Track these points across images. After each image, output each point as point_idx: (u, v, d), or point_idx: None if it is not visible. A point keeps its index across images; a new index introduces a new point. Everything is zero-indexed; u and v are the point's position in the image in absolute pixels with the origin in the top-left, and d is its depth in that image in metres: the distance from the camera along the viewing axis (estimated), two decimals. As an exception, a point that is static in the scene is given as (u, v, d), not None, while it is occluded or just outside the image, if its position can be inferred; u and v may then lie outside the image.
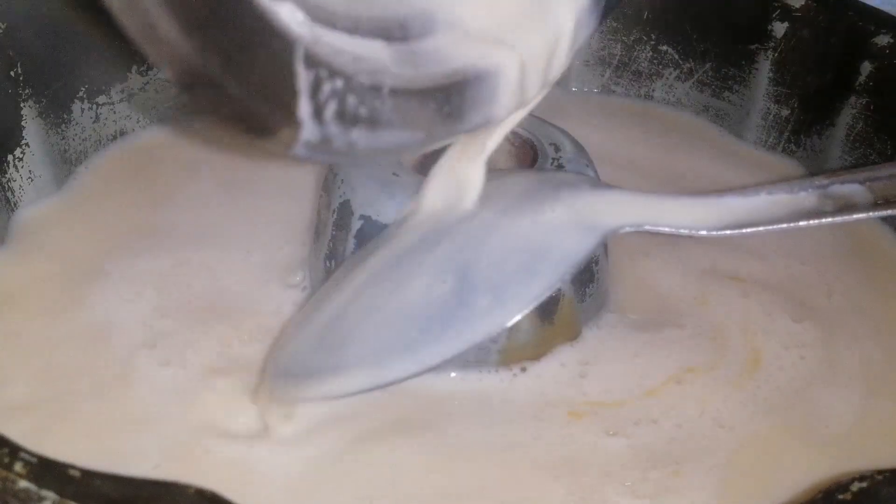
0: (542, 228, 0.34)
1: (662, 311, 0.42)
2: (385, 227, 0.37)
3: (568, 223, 0.34)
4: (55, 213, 0.46)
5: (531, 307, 0.33)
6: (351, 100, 0.26)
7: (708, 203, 0.36)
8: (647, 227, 0.35)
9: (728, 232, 0.34)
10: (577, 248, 0.34)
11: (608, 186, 0.38)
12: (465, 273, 0.33)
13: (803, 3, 0.51)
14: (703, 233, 0.35)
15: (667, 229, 0.35)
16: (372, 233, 0.37)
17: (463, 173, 0.34)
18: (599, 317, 0.41)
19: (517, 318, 0.33)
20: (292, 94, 0.25)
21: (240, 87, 0.24)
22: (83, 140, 0.50)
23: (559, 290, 0.38)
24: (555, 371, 0.39)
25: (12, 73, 0.45)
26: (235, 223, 0.46)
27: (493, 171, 0.35)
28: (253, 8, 0.24)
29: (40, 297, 0.41)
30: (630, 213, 0.35)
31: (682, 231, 0.35)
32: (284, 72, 0.25)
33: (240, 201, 0.48)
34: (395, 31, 0.28)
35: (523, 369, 0.39)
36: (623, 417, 0.37)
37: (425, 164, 0.43)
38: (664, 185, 0.51)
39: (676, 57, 0.56)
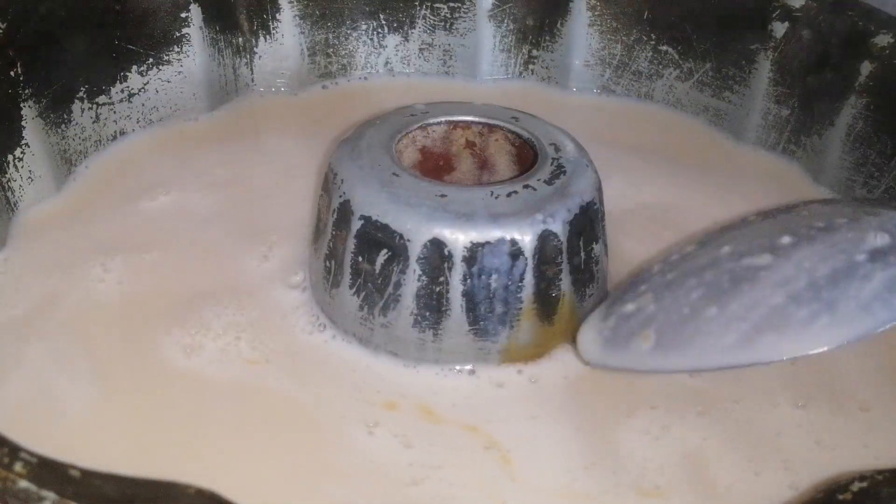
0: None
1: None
2: (385, 226, 0.37)
3: None
4: (55, 213, 0.46)
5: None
6: None
7: None
8: None
9: None
10: None
11: None
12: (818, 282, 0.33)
13: (803, 3, 0.51)
14: None
15: None
16: (372, 233, 0.37)
17: None
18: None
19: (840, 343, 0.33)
20: None
21: None
22: (83, 140, 0.50)
23: (560, 290, 0.38)
24: (554, 372, 0.39)
25: (12, 73, 0.45)
26: (235, 223, 0.46)
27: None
28: None
29: (40, 297, 0.41)
30: None
31: None
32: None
33: (239, 201, 0.48)
34: None
35: (519, 372, 0.39)
36: (622, 418, 0.37)
37: (425, 165, 0.43)
38: (664, 186, 0.51)
39: (676, 57, 0.56)
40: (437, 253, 0.37)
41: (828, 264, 0.34)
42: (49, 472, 0.25)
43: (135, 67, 0.51)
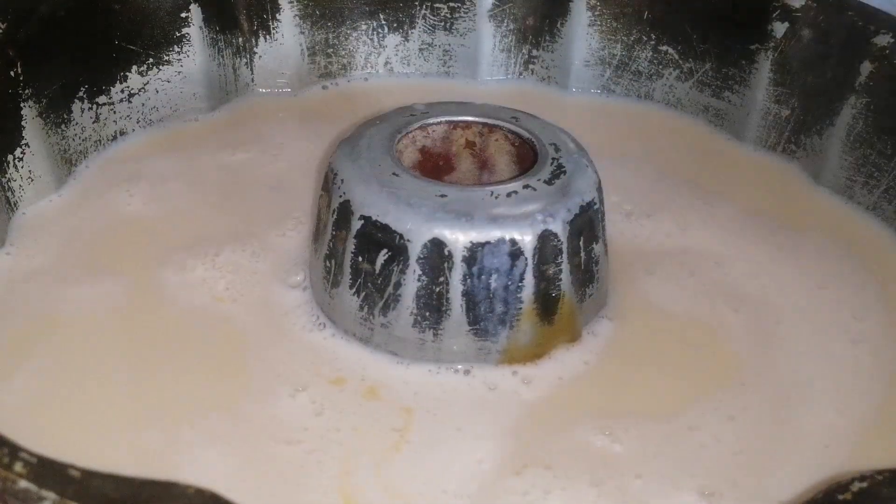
0: None
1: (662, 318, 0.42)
2: (385, 227, 0.37)
3: None
4: (55, 213, 0.46)
5: None
6: None
7: None
8: None
9: None
10: None
11: None
12: None
13: (803, 3, 0.51)
14: None
15: None
16: (372, 233, 0.37)
17: None
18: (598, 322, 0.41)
19: None
20: None
21: None
22: (83, 140, 0.50)
23: (560, 289, 0.38)
24: (550, 372, 0.39)
25: (12, 73, 0.45)
26: (235, 223, 0.46)
27: None
28: None
29: (40, 297, 0.41)
30: None
31: None
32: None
33: (239, 201, 0.48)
34: None
35: (514, 373, 0.39)
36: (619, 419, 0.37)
37: (425, 165, 0.43)
38: (664, 186, 0.51)
39: (676, 57, 0.56)
40: (437, 253, 0.37)
41: None
42: (49, 472, 0.25)
43: (135, 67, 0.51)
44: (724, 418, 0.37)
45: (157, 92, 0.53)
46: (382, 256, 0.37)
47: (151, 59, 0.52)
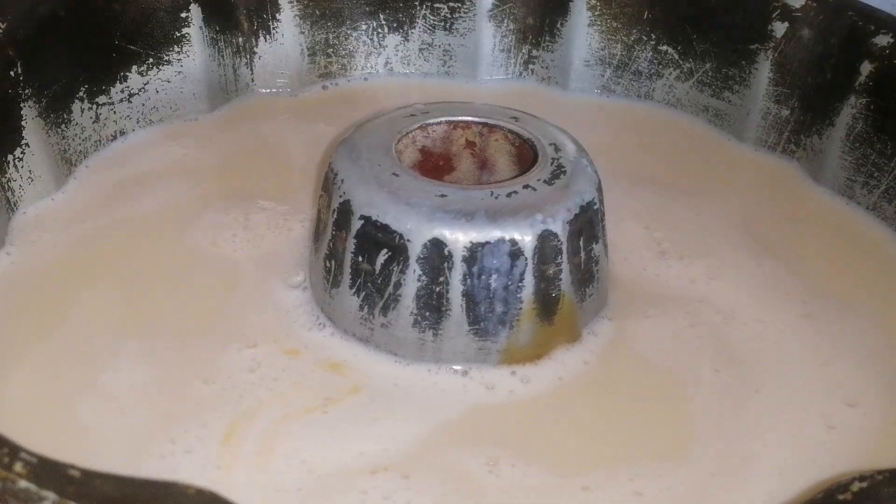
0: None
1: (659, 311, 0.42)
2: (385, 227, 0.37)
3: None
4: (55, 213, 0.46)
5: None
6: None
7: None
8: None
9: None
10: None
11: None
12: None
13: (803, 3, 0.51)
14: None
15: None
16: (372, 233, 0.37)
17: None
18: (598, 322, 0.41)
19: None
20: None
21: None
22: (83, 140, 0.50)
23: (560, 290, 0.38)
24: (549, 372, 0.39)
25: (12, 73, 0.45)
26: (235, 223, 0.46)
27: None
28: None
29: (40, 297, 0.41)
30: None
31: None
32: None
33: (239, 201, 0.48)
34: None
35: (513, 373, 0.39)
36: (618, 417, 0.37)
37: (425, 165, 0.43)
38: (663, 186, 0.51)
39: (676, 57, 0.56)
40: (437, 253, 0.37)
41: None
42: (49, 472, 0.25)
43: (135, 67, 0.51)
44: (660, 488, 0.34)
45: (157, 92, 0.53)
46: (382, 256, 0.37)
47: (151, 59, 0.52)
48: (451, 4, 0.57)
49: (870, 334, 0.42)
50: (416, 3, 0.57)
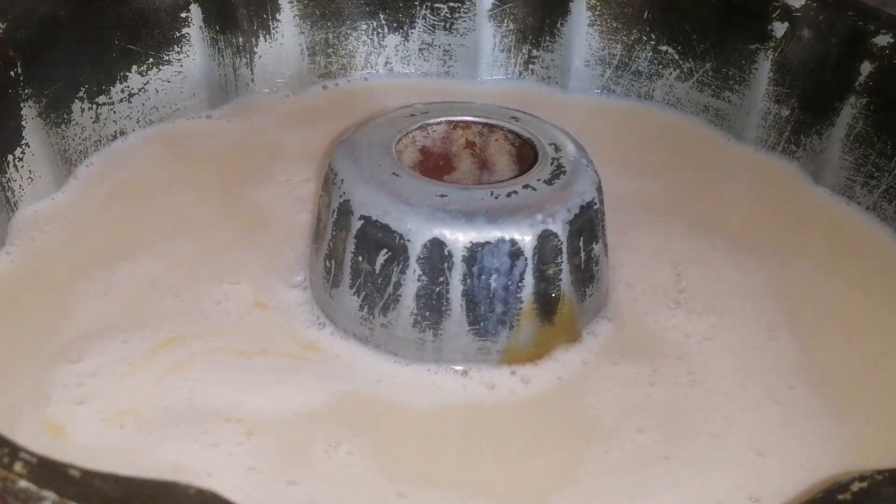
0: None
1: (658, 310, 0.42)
2: (385, 227, 0.37)
3: None
4: (55, 213, 0.46)
5: None
6: None
7: None
8: None
9: None
10: None
11: None
12: None
13: (803, 3, 0.51)
14: None
15: None
16: (372, 233, 0.37)
17: None
18: (598, 322, 0.41)
19: None
20: None
21: None
22: (83, 140, 0.50)
23: (559, 290, 0.38)
24: (549, 372, 0.39)
25: (12, 73, 0.45)
26: (236, 223, 0.46)
27: None
28: None
29: (40, 297, 0.41)
30: None
31: None
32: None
33: (239, 201, 0.48)
34: None
35: (513, 373, 0.39)
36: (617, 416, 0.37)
37: (425, 165, 0.43)
38: (663, 186, 0.51)
39: (676, 57, 0.56)
40: (437, 253, 0.37)
41: None
42: (49, 472, 0.25)
43: (135, 67, 0.51)
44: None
45: (157, 92, 0.53)
46: (382, 256, 0.38)
47: (151, 59, 0.52)
48: (451, 4, 0.57)
49: (869, 335, 0.42)
50: (416, 3, 0.57)
